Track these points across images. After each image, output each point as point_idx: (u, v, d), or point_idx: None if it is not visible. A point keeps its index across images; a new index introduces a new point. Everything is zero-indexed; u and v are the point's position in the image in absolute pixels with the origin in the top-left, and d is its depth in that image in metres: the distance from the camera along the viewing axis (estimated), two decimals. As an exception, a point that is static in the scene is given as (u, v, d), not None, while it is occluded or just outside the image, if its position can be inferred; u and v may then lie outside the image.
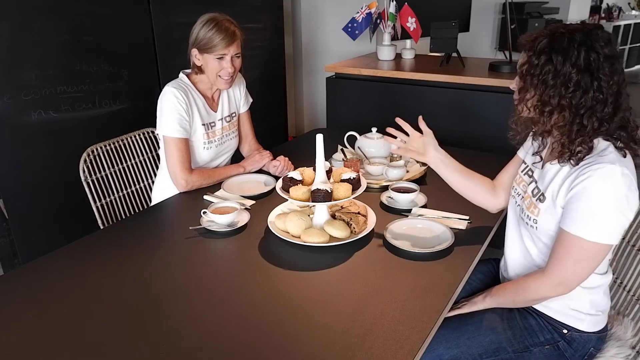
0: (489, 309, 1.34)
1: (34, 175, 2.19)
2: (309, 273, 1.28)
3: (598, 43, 1.10)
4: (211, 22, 1.71)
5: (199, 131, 1.81)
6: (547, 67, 1.13)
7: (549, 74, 1.13)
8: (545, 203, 1.21)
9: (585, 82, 1.10)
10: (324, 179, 1.41)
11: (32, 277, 1.28)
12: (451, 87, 2.67)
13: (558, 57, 1.11)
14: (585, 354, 1.27)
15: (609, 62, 1.10)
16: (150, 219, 1.65)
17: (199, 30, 1.72)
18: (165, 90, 1.77)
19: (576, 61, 1.10)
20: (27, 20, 2.04)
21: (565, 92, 1.12)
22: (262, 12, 3.12)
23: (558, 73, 1.12)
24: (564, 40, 1.11)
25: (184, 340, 1.04)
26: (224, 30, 1.70)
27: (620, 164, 1.09)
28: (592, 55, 1.09)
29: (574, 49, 1.10)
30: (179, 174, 1.75)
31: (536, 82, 1.15)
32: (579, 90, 1.11)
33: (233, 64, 1.76)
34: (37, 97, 2.12)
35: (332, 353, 0.99)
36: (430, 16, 3.03)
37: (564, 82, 1.11)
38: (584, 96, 1.11)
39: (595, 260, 1.15)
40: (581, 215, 1.11)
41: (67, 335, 1.06)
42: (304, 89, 4.09)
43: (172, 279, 1.27)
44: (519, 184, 1.36)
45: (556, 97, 1.13)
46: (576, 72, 1.10)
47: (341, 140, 2.07)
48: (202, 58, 1.75)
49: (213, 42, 1.70)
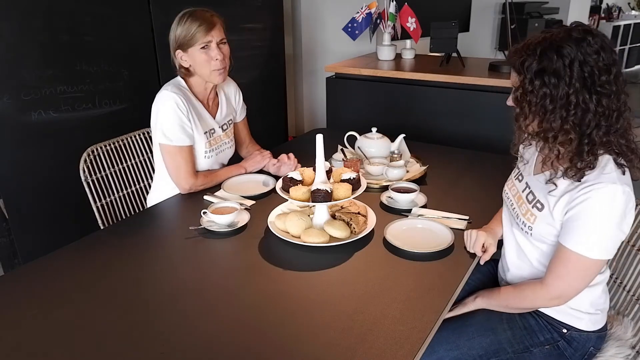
0: (490, 310, 1.34)
1: (34, 175, 2.19)
2: (309, 273, 1.28)
3: (590, 56, 1.06)
4: (184, 16, 1.65)
5: (201, 139, 1.77)
6: (542, 91, 1.09)
7: (546, 99, 1.09)
8: (543, 212, 1.20)
9: (585, 100, 1.07)
10: (324, 179, 1.41)
11: (32, 277, 1.28)
12: (451, 87, 2.67)
13: (551, 79, 1.07)
14: (586, 353, 1.28)
15: (605, 72, 1.07)
16: (150, 219, 1.65)
17: (175, 29, 1.66)
18: (163, 95, 1.69)
19: (571, 81, 1.06)
20: (27, 20, 2.04)
21: (567, 115, 1.08)
22: (262, 12, 3.12)
23: (555, 97, 1.08)
24: (554, 58, 1.07)
25: (184, 340, 1.04)
26: (200, 17, 1.64)
27: (620, 183, 1.09)
28: (586, 70, 1.06)
29: (565, 68, 1.06)
30: (184, 181, 1.73)
31: (534, 109, 1.11)
32: (579, 109, 1.08)
33: (221, 50, 1.69)
34: (37, 97, 2.12)
35: (332, 353, 0.99)
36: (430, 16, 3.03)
37: (563, 105, 1.08)
38: (586, 114, 1.08)
39: (594, 274, 1.17)
40: (583, 233, 1.11)
41: (67, 335, 1.06)
42: (304, 89, 4.09)
43: (172, 279, 1.27)
44: (510, 188, 1.37)
45: (558, 120, 1.09)
46: (574, 93, 1.07)
47: (341, 140, 2.07)
48: (187, 57, 1.69)
49: (192, 32, 1.63)
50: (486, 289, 1.34)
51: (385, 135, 2.00)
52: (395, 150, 1.96)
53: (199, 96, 1.80)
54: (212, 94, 1.85)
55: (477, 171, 1.54)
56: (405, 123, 2.79)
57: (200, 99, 1.80)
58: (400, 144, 1.99)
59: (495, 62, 2.76)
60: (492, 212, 1.53)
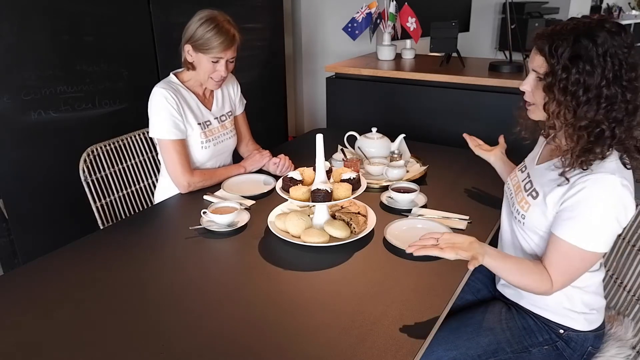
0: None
1: (34, 175, 2.19)
2: (309, 273, 1.28)
3: (621, 50, 1.05)
4: (211, 21, 1.65)
5: (195, 130, 1.80)
6: (576, 77, 1.07)
7: (579, 87, 1.07)
8: (537, 200, 1.20)
9: (615, 94, 1.06)
10: (324, 179, 1.41)
11: (32, 277, 1.28)
12: (451, 87, 2.67)
13: (586, 66, 1.06)
14: (584, 352, 1.28)
15: (633, 68, 1.06)
16: (150, 219, 1.65)
17: (196, 28, 1.66)
18: (154, 91, 1.74)
19: (604, 73, 1.05)
20: (27, 20, 2.04)
21: (599, 107, 1.07)
22: (262, 12, 3.12)
23: (589, 87, 1.07)
24: (589, 46, 1.06)
25: (184, 340, 1.04)
26: (224, 33, 1.65)
27: (619, 174, 1.08)
28: (616, 62, 1.05)
29: (599, 57, 1.05)
30: (181, 177, 1.74)
31: (569, 98, 1.09)
32: (610, 103, 1.07)
33: (227, 68, 1.73)
34: (37, 97, 2.12)
35: (332, 353, 0.99)
36: (430, 16, 3.03)
37: (595, 95, 1.07)
38: (614, 107, 1.07)
39: (588, 266, 1.16)
40: (579, 225, 1.10)
41: (67, 335, 1.06)
42: (304, 89, 4.09)
43: (172, 279, 1.27)
44: (512, 178, 1.37)
45: (591, 112, 1.08)
46: (606, 85, 1.06)
47: (341, 140, 2.07)
48: (195, 56, 1.71)
49: (211, 44, 1.65)
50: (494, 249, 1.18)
51: (385, 135, 2.00)
52: (395, 150, 1.96)
53: (193, 90, 1.82)
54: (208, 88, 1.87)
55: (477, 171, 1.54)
56: (405, 123, 2.79)
57: (195, 93, 1.83)
58: (400, 144, 1.99)
59: (496, 62, 2.76)
60: (492, 212, 1.53)
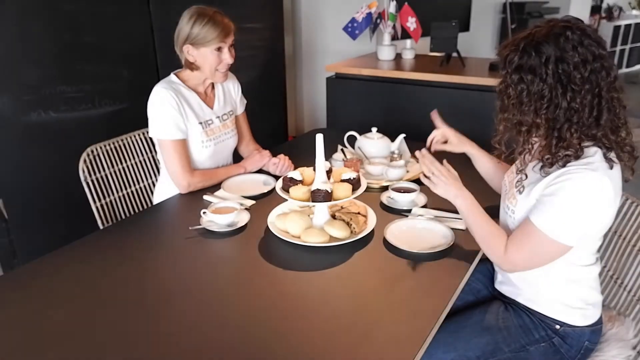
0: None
1: (34, 175, 2.19)
2: (309, 273, 1.28)
3: (567, 52, 1.08)
4: (202, 16, 1.68)
5: (196, 129, 1.79)
6: (520, 86, 1.13)
7: (522, 93, 1.13)
8: (522, 194, 1.22)
9: (557, 95, 1.10)
10: (324, 179, 1.41)
11: (32, 277, 1.28)
12: (451, 87, 2.67)
13: (528, 75, 1.11)
14: (581, 348, 1.28)
15: (582, 67, 1.08)
16: (150, 219, 1.65)
17: (190, 27, 1.69)
18: (154, 91, 1.75)
19: (546, 77, 1.10)
20: (27, 20, 2.04)
21: (539, 109, 1.12)
22: (262, 12, 3.12)
23: (530, 92, 1.12)
24: (532, 54, 1.10)
25: (184, 340, 1.04)
26: (219, 22, 1.69)
27: (602, 173, 1.09)
28: (560, 67, 1.09)
29: (541, 65, 1.09)
30: (181, 177, 1.74)
31: (513, 102, 1.15)
32: (552, 105, 1.11)
33: (231, 53, 1.76)
34: (37, 97, 2.12)
35: (332, 353, 0.99)
36: (430, 16, 3.03)
37: (536, 99, 1.12)
38: (557, 110, 1.11)
39: (549, 257, 1.18)
40: (549, 211, 1.12)
41: (67, 336, 1.06)
42: (304, 89, 4.09)
43: (171, 279, 1.27)
44: (508, 175, 1.38)
45: (531, 114, 1.13)
46: (547, 89, 1.10)
47: (341, 140, 2.07)
48: (197, 53, 1.72)
49: (211, 36, 1.68)
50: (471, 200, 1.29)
51: (385, 135, 2.00)
52: (395, 150, 1.96)
53: (195, 88, 1.83)
54: (210, 87, 1.88)
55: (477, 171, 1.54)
56: (405, 123, 2.78)
57: (197, 91, 1.83)
58: (401, 144, 1.99)
59: (496, 62, 2.76)
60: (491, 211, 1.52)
